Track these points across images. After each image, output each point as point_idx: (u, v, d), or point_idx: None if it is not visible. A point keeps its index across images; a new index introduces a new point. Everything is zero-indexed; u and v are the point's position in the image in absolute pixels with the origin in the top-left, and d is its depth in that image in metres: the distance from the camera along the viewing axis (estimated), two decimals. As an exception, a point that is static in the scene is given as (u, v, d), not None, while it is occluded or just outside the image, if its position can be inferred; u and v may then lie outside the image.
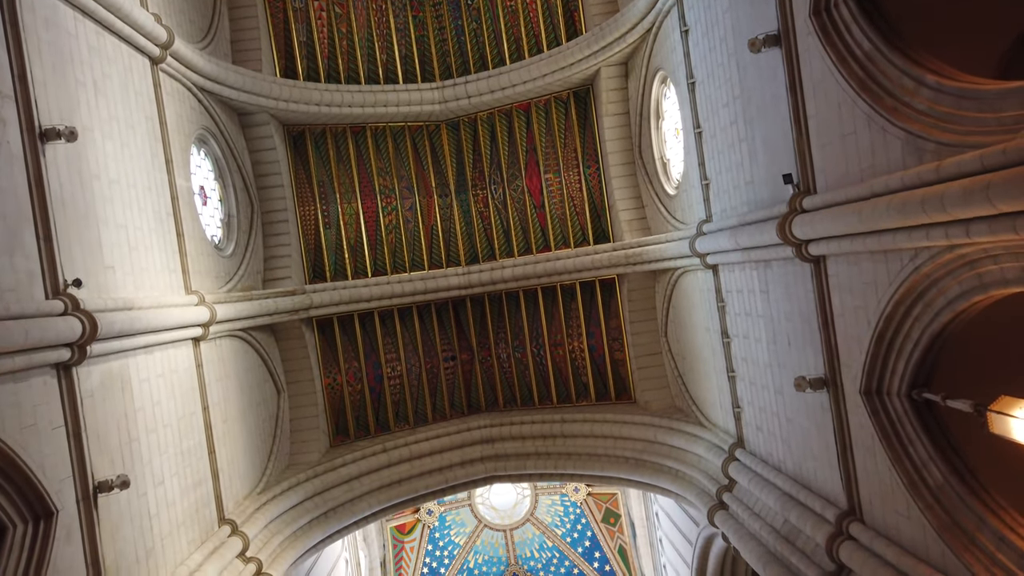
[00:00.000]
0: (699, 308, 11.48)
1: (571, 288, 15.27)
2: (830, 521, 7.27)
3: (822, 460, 7.64)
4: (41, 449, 6.25)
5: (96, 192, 7.83)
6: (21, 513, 6.06)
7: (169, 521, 8.50)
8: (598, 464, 13.88)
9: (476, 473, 14.78)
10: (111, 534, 7.15)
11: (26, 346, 5.91)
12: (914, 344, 5.90)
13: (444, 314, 16.05)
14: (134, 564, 7.54)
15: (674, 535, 15.92)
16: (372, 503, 13.49)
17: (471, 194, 15.95)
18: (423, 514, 27.54)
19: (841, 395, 6.98)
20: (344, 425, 14.89)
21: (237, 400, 11.42)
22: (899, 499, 6.23)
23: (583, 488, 27.17)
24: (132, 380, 8.09)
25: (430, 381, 15.79)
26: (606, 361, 15.15)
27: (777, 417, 8.79)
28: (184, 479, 9.08)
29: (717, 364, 10.86)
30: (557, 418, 14.78)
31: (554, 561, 28.13)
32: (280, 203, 14.01)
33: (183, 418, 9.31)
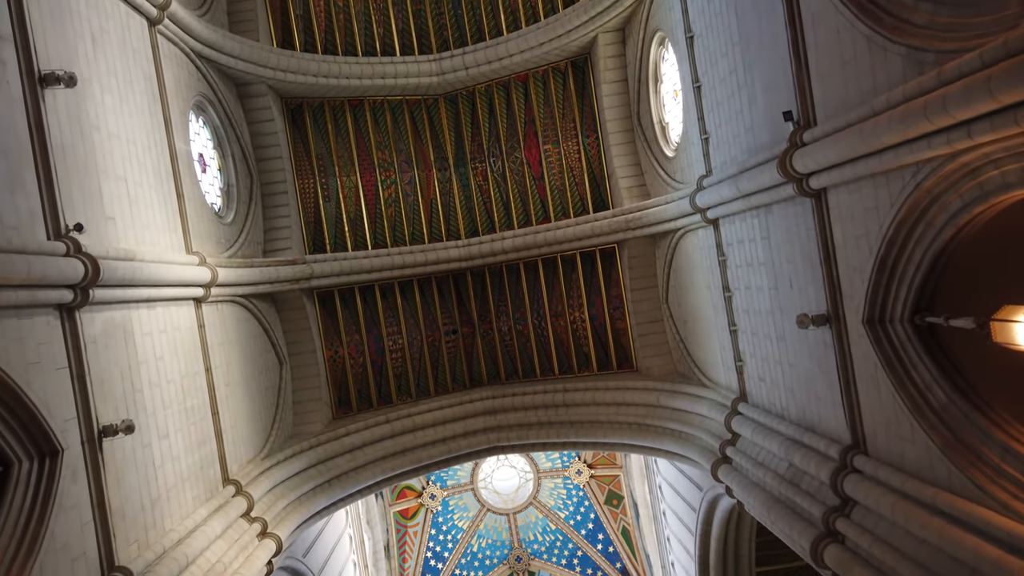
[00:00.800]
0: (700, 268, 11.48)
1: (571, 258, 15.27)
2: (834, 458, 7.28)
3: (825, 400, 7.65)
4: (45, 388, 6.25)
5: (96, 143, 7.83)
6: (26, 449, 6.06)
7: (174, 474, 8.51)
8: (601, 431, 13.89)
9: (479, 444, 14.79)
10: (116, 479, 7.16)
11: (29, 280, 5.91)
12: (916, 267, 5.91)
13: (445, 287, 16.04)
14: (139, 512, 7.55)
15: (678, 505, 15.94)
16: (376, 472, 13.48)
17: (470, 167, 15.94)
18: (426, 499, 27.58)
19: (843, 328, 6.99)
20: (347, 398, 14.89)
21: (239, 366, 11.42)
22: (903, 425, 6.25)
23: (585, 471, 27.22)
24: (135, 332, 8.09)
25: (432, 354, 15.79)
26: (607, 330, 15.15)
27: (780, 365, 8.80)
28: (188, 436, 9.09)
29: (719, 321, 10.87)
30: (559, 387, 14.78)
31: (557, 544, 28.15)
32: (279, 175, 14.00)
33: (186, 377, 9.31)
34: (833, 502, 7.14)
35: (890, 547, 6.09)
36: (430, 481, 27.75)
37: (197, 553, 8.21)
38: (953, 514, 5.46)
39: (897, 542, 6.05)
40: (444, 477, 28.11)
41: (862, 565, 6.40)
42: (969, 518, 5.27)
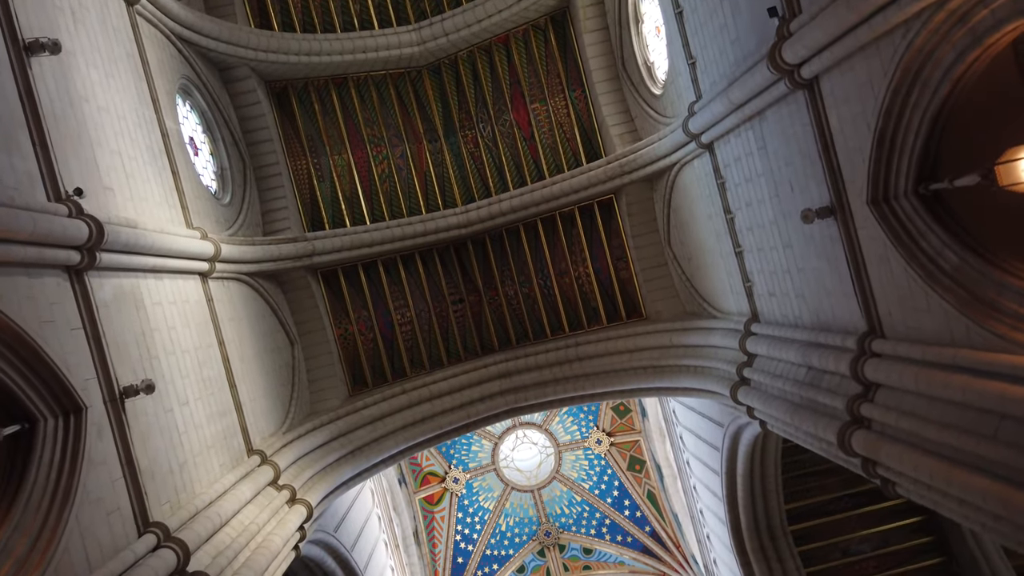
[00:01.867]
0: (699, 199, 11.48)
1: (570, 215, 15.27)
2: (851, 348, 7.29)
3: (837, 295, 7.66)
4: (62, 346, 6.27)
5: (87, 115, 7.83)
6: (50, 406, 6.08)
7: (198, 441, 8.54)
8: (617, 379, 13.91)
9: (497, 407, 14.80)
10: (142, 441, 7.19)
11: (35, 237, 5.92)
12: (915, 134, 5.91)
13: (447, 258, 16.04)
14: (168, 474, 7.58)
15: (700, 450, 15.97)
16: (398, 441, 13.52)
17: (460, 136, 15.93)
18: (449, 483, 27.64)
19: (848, 216, 6.99)
20: (361, 374, 14.91)
21: (252, 342, 11.45)
22: (918, 297, 6.25)
23: (605, 439, 27.26)
24: (144, 301, 8.11)
25: (441, 325, 15.81)
26: (613, 282, 15.16)
27: (788, 274, 8.80)
28: (208, 406, 9.11)
29: (723, 247, 10.87)
30: (571, 343, 14.79)
31: (584, 515, 28.18)
32: (271, 157, 14.00)
33: (200, 348, 9.34)
34: (855, 390, 7.15)
35: (916, 417, 6.11)
36: (452, 465, 27.84)
37: (230, 515, 8.25)
38: (976, 367, 5.47)
39: (923, 411, 6.06)
40: (466, 460, 28.19)
41: (890, 442, 6.42)
42: (992, 366, 5.28)
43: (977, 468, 5.33)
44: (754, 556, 14.95)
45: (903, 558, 15.98)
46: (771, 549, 15.10)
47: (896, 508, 16.29)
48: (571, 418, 27.83)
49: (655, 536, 26.58)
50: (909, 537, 16.06)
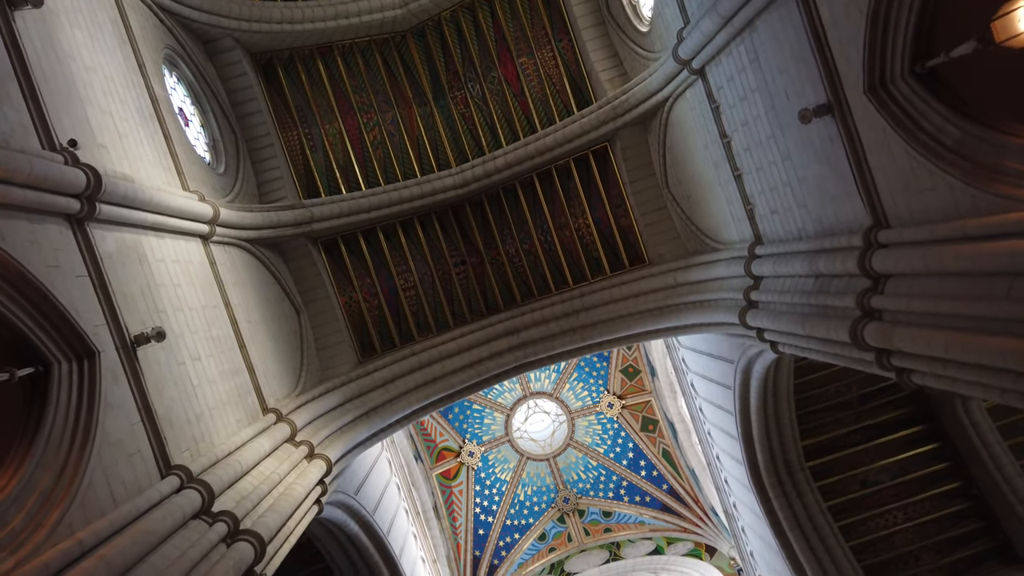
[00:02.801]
0: (694, 131, 11.43)
1: (565, 168, 15.21)
2: (858, 244, 7.27)
3: (840, 196, 7.64)
4: (69, 292, 6.26)
5: (75, 74, 7.79)
6: (62, 350, 6.09)
7: (213, 396, 8.55)
8: (624, 325, 13.92)
9: (506, 363, 14.80)
10: (157, 389, 7.19)
11: (32, 179, 5.90)
12: (908, 9, 5.86)
13: (446, 222, 15.99)
14: (185, 424, 7.60)
15: (712, 392, 15.99)
16: (411, 401, 13.55)
17: (449, 97, 15.85)
18: (465, 457, 27.74)
19: (847, 109, 6.95)
20: (368, 341, 14.91)
21: (258, 308, 11.44)
22: (921, 177, 6.23)
23: (616, 403, 27.35)
24: (148, 257, 8.10)
25: (444, 288, 15.79)
26: (613, 231, 15.12)
27: (789, 186, 8.77)
28: (220, 364, 9.12)
29: (722, 175, 10.83)
30: (575, 295, 14.79)
31: (601, 479, 28.31)
32: (262, 129, 13.95)
33: (207, 308, 9.34)
34: (865, 285, 7.14)
35: (928, 297, 6.10)
36: (466, 439, 27.94)
37: (250, 464, 8.28)
38: (984, 233, 5.45)
39: (935, 289, 6.06)
40: (479, 433, 28.29)
41: (903, 326, 6.42)
42: (1001, 227, 5.27)
43: (992, 331, 5.33)
44: (773, 492, 15.01)
45: (922, 485, 16.02)
46: (789, 484, 15.15)
47: (912, 437, 16.33)
48: (581, 384, 27.93)
49: (673, 493, 26.71)
50: (927, 464, 16.09)
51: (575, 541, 28.42)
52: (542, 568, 27.74)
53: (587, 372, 27.89)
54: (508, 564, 27.54)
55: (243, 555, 6.59)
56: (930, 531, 15.71)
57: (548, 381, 28.48)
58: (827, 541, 14.67)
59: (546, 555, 28.15)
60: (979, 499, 15.68)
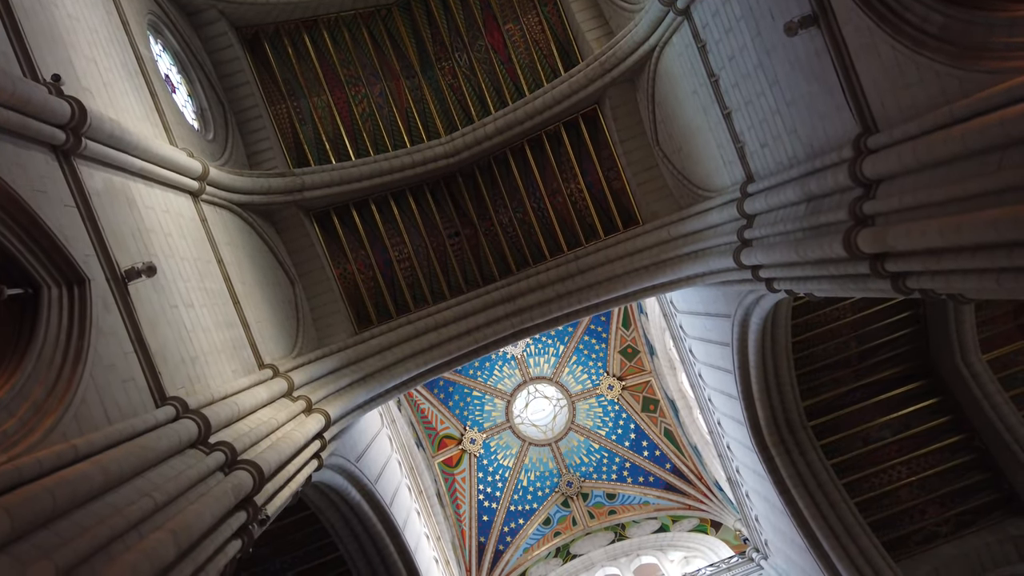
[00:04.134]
0: (682, 77, 11.42)
1: (556, 133, 15.20)
2: (848, 156, 7.26)
3: (828, 111, 7.63)
4: (58, 219, 6.20)
5: (57, 19, 7.75)
6: (52, 275, 6.03)
7: (207, 343, 8.49)
8: (621, 283, 13.88)
9: (503, 330, 14.73)
10: (150, 326, 7.13)
11: (15, 100, 5.85)
12: (888, -101, 5.86)
13: (439, 193, 15.96)
14: (180, 363, 7.53)
15: (711, 354, 15.95)
16: (409, 367, 13.48)
17: (437, 68, 15.84)
18: (466, 444, 27.66)
19: (831, 16, 6.94)
20: (364, 313, 14.86)
21: (251, 271, 11.38)
22: (908, 72, 6.22)
23: (616, 384, 27.32)
24: (137, 202, 8.04)
25: (440, 259, 15.74)
26: (606, 194, 15.10)
27: (778, 114, 8.76)
28: (214, 314, 9.06)
29: (711, 118, 10.82)
30: (571, 258, 14.76)
31: (604, 461, 28.24)
32: (250, 101, 13.92)
33: (199, 260, 9.28)
34: (856, 194, 7.13)
35: (919, 189, 6.08)
36: (467, 426, 27.85)
37: (248, 410, 8.21)
38: (972, 111, 5.43)
39: (925, 181, 6.04)
40: (480, 420, 28.21)
41: (895, 224, 6.40)
42: (988, 102, 5.25)
43: (985, 205, 5.30)
44: (776, 450, 14.97)
45: (925, 440, 16.01)
46: (791, 442, 15.12)
47: (913, 393, 16.33)
48: (581, 367, 27.90)
49: (676, 471, 26.65)
50: (928, 419, 16.09)
51: (580, 524, 28.32)
52: (547, 552, 27.62)
53: (586, 355, 27.87)
54: (513, 549, 27.43)
55: (242, 481, 6.53)
56: (934, 485, 15.69)
57: (547, 366, 28.44)
58: (831, 496, 14.63)
59: (551, 539, 28.05)
60: (982, 451, 15.67)
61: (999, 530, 14.62)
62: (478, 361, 27.84)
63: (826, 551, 13.94)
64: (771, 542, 17.15)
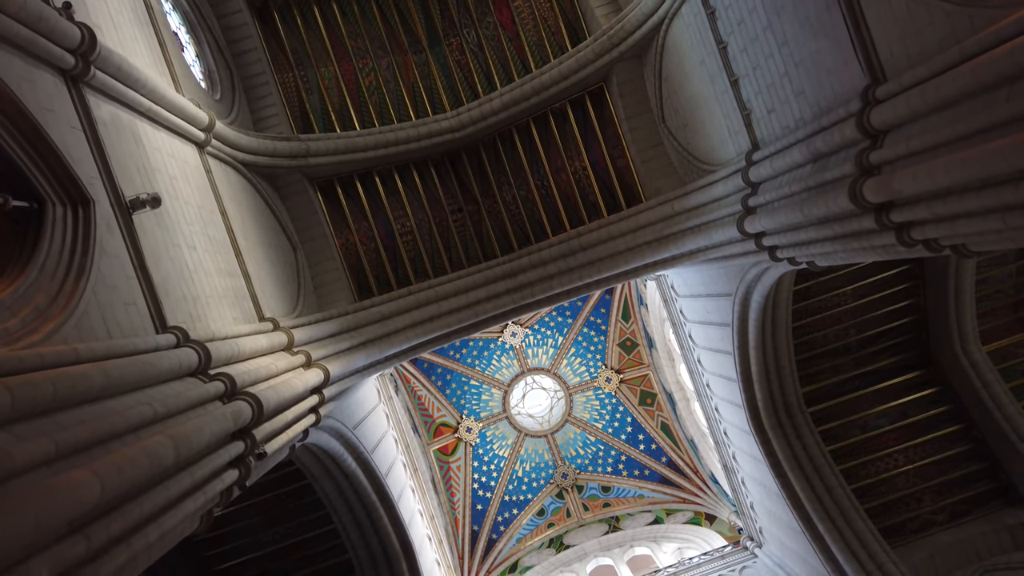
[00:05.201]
0: (691, 48, 11.44)
1: (561, 111, 15.22)
2: (855, 110, 7.26)
3: (838, 68, 7.63)
4: (64, 139, 6.19)
5: (68, -46, 7.74)
6: (56, 192, 6.02)
7: (209, 287, 8.47)
8: (623, 259, 13.87)
9: (504, 305, 14.71)
10: (153, 257, 7.12)
11: (25, 15, 5.85)
12: None
13: (443, 169, 15.98)
14: (181, 300, 7.52)
15: (711, 337, 15.92)
16: (409, 337, 13.46)
17: (445, 44, 15.86)
18: (463, 432, 27.63)
19: (842, -36, 6.95)
20: (365, 284, 14.86)
21: (255, 230, 11.37)
22: (918, 15, 6.22)
23: (614, 377, 27.31)
24: (143, 141, 8.04)
25: (442, 235, 15.75)
26: (610, 172, 15.11)
27: (786, 76, 8.77)
28: (217, 261, 9.05)
29: (718, 88, 10.84)
30: (573, 235, 14.75)
31: (600, 454, 28.20)
32: (257, 67, 13.93)
33: (203, 208, 9.27)
34: (863, 145, 7.12)
35: (926, 133, 6.08)
36: (464, 415, 27.82)
37: (248, 354, 8.18)
38: (981, 46, 5.43)
39: (933, 123, 6.04)
40: (477, 409, 28.17)
41: (901, 169, 6.39)
42: (997, 36, 5.24)
43: (992, 139, 5.30)
44: (773, 433, 14.95)
45: (922, 429, 15.99)
46: (789, 426, 15.09)
47: (911, 382, 16.32)
48: (579, 359, 27.88)
49: (672, 465, 26.61)
50: (926, 408, 16.07)
51: (574, 516, 28.26)
52: (541, 543, 27.55)
53: (585, 347, 27.86)
54: (506, 539, 27.36)
55: (241, 410, 6.51)
56: (931, 473, 15.67)
57: (546, 357, 28.42)
58: (827, 481, 14.60)
59: (544, 530, 27.97)
60: (980, 441, 15.66)
61: (995, 519, 14.59)
62: (476, 350, 27.86)
63: (821, 533, 13.90)
64: (766, 529, 17.11)
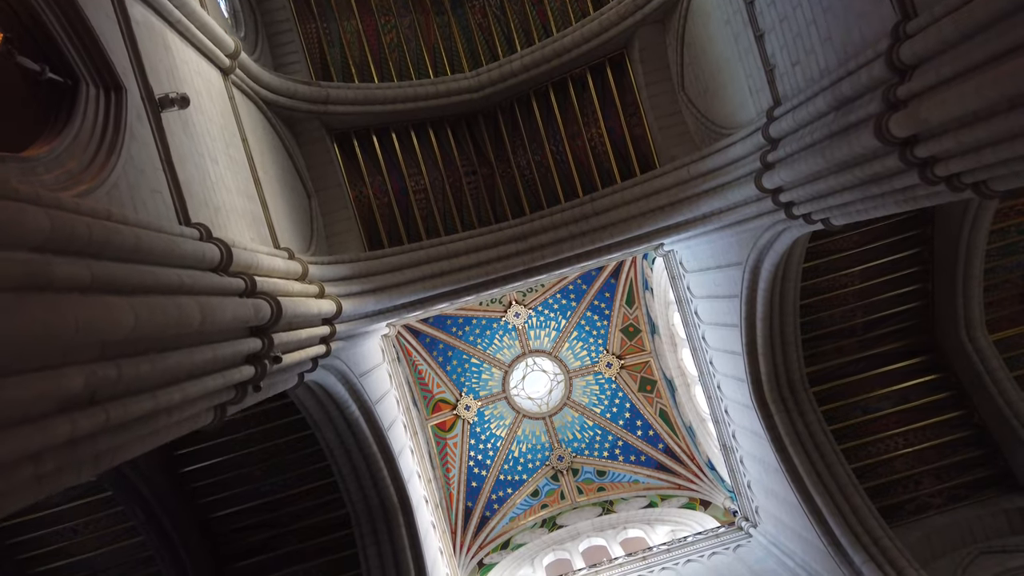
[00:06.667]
0: (716, 8, 11.48)
1: (581, 77, 15.28)
2: (884, 48, 7.27)
3: (867, 8, 7.66)
4: (100, 23, 6.22)
5: None
6: (91, 72, 6.05)
7: (230, 203, 8.51)
8: (636, 224, 13.90)
9: (514, 266, 14.74)
10: (179, 157, 7.15)
11: None
12: None
13: (459, 132, 16.03)
14: (203, 205, 7.55)
15: (716, 311, 15.95)
16: (418, 289, 13.49)
17: (467, 6, 15.91)
18: (461, 410, 27.66)
19: (880, -99, 6.98)
20: (377, 238, 14.91)
21: (272, 167, 11.41)
22: (955, -55, 6.25)
23: (615, 362, 27.35)
24: (172, 51, 8.07)
25: (455, 195, 15.80)
26: (626, 140, 15.16)
27: (814, 24, 8.80)
28: (237, 181, 9.08)
29: (742, 46, 10.87)
30: (586, 200, 14.78)
31: (597, 438, 28.23)
32: (282, 14, 14.00)
33: (225, 129, 9.30)
34: (892, 81, 7.15)
35: (957, 58, 6.10)
36: (463, 392, 27.85)
37: (265, 269, 8.21)
38: (1021, -35, 5.46)
39: (963, 51, 6.06)
40: (476, 388, 28.21)
41: (929, 97, 6.42)
42: (1039, -50, 5.28)
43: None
44: (775, 408, 14.98)
45: (923, 413, 16.02)
46: (791, 401, 15.12)
47: (915, 368, 16.35)
48: (581, 343, 27.92)
49: (668, 452, 26.65)
50: (928, 393, 16.11)
51: (568, 499, 28.28)
52: (534, 523, 27.59)
53: (587, 331, 27.90)
54: (500, 516, 27.38)
55: (260, 306, 6.54)
56: (930, 457, 15.70)
57: (548, 339, 28.46)
58: (827, 457, 14.62)
59: (538, 511, 28.01)
60: (980, 428, 15.69)
61: (992, 504, 14.62)
62: (479, 328, 27.91)
63: (819, 507, 13.93)
64: (762, 508, 17.14)
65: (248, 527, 15.77)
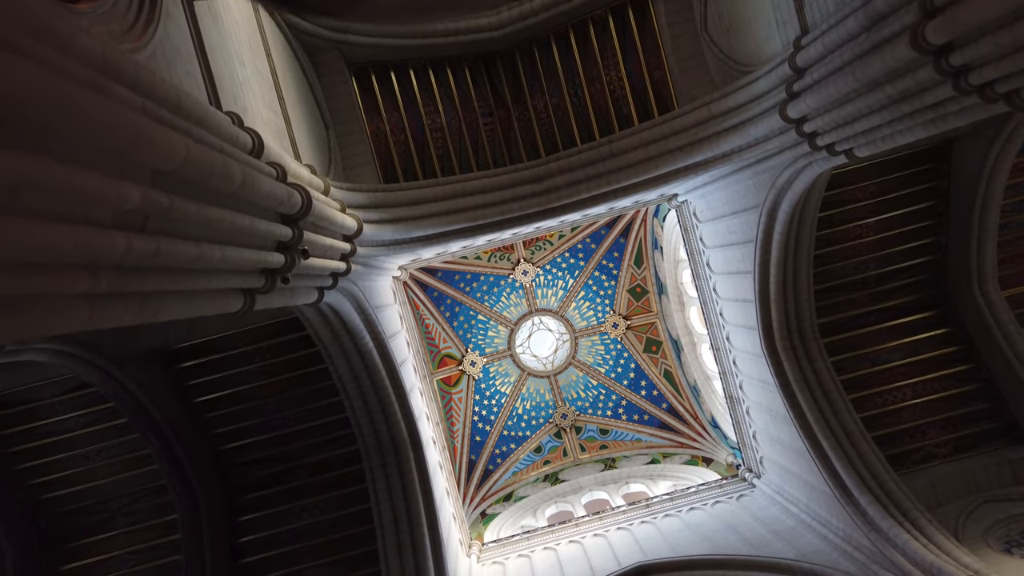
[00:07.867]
0: (744, -61, 11.35)
1: (602, 19, 15.13)
2: (924, -42, 7.20)
3: (906, -79, 7.57)
4: (137, -100, 6.17)
5: None
6: (129, -53, 6.01)
7: (256, 110, 8.49)
8: (654, 165, 13.87)
9: (529, 207, 14.74)
10: (211, 49, 7.12)
11: None
12: None
13: (477, 73, 15.92)
14: (232, 102, 7.53)
15: (729, 259, 15.97)
16: (435, 223, 13.51)
17: (489, -54, 15.69)
18: (467, 366, 27.80)
19: None
20: (393, 174, 14.88)
21: (294, 90, 11.37)
22: None
23: (621, 323, 27.43)
24: (202, -51, 8.00)
25: (471, 136, 15.74)
26: (646, 83, 15.06)
27: (847, -55, 8.70)
28: (263, 92, 9.06)
29: (770, -24, 10.75)
30: (604, 142, 14.72)
31: (601, 397, 28.41)
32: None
33: (251, 41, 9.26)
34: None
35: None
36: (469, 348, 27.97)
37: (293, 170, 8.22)
38: None
39: (1009, -53, 6.00)
40: (482, 345, 28.33)
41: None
42: None
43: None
44: (785, 355, 15.05)
45: (932, 366, 16.11)
46: (801, 350, 15.20)
47: (925, 321, 16.40)
48: (588, 303, 27.98)
49: (672, 411, 26.83)
50: (938, 347, 16.18)
51: (570, 456, 28.55)
52: (536, 478, 27.88)
53: (595, 291, 27.96)
54: (503, 471, 27.67)
55: (292, 193, 6.56)
56: (937, 409, 15.81)
57: (555, 299, 28.53)
58: (835, 405, 14.73)
59: (540, 467, 28.28)
60: (988, 382, 15.78)
61: (997, 454, 14.75)
62: (487, 285, 27.96)
63: (826, 451, 14.06)
64: (767, 458, 17.30)
65: (258, 460, 15.97)
